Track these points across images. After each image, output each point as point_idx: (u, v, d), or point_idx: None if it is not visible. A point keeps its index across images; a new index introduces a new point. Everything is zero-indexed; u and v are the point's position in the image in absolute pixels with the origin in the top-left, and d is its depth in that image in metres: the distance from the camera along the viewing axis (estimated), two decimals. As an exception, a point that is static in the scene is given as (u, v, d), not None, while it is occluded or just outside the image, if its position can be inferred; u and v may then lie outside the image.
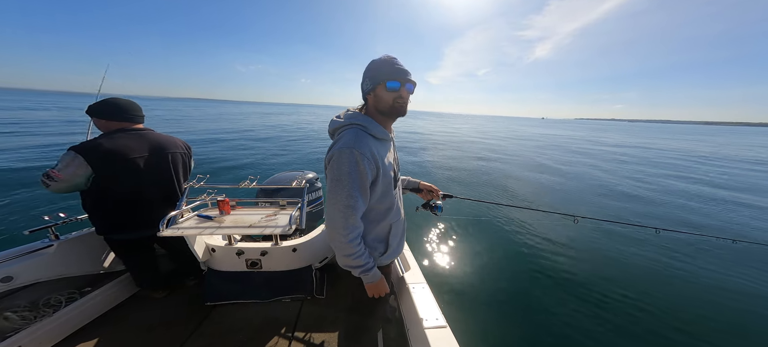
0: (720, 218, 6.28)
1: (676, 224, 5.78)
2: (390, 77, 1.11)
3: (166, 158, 1.96)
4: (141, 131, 1.89)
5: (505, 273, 3.77)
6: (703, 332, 2.84)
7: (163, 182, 1.97)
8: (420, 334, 1.36)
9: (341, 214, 1.07)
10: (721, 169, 13.44)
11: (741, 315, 3.13)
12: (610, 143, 26.27)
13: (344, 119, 1.19)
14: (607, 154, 17.46)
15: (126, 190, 1.78)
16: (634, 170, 11.85)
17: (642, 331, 2.84)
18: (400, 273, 1.85)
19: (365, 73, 1.18)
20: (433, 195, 1.79)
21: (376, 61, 1.15)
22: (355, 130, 1.14)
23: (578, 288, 3.47)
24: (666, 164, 14.33)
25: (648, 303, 3.23)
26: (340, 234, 1.10)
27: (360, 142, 1.08)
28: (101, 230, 1.86)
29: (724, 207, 7.10)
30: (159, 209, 1.87)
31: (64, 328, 1.80)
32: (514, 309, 3.11)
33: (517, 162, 12.55)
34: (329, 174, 1.10)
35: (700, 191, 8.59)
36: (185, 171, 2.14)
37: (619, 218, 5.65)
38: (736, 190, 8.95)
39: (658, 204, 7.00)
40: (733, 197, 8.00)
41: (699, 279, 3.75)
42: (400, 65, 1.13)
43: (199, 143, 13.78)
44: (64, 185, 1.65)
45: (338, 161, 1.07)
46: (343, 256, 1.16)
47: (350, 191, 1.06)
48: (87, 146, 1.67)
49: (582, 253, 4.30)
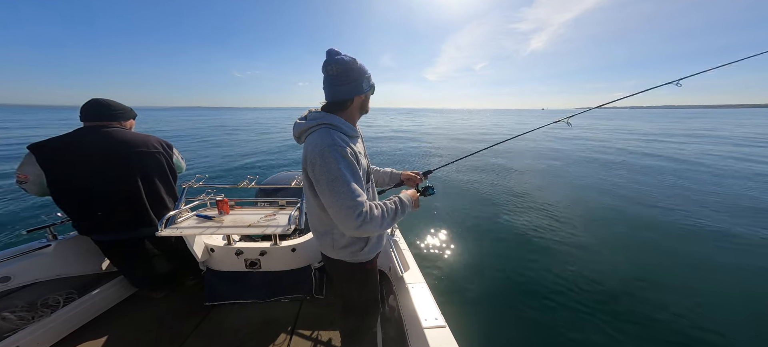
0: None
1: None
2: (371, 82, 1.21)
3: (129, 157, 1.80)
4: (108, 128, 1.78)
5: (505, 272, 3.77)
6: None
7: (122, 182, 1.81)
8: (419, 334, 1.36)
9: (350, 210, 1.02)
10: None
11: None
12: (653, 132, 25.61)
13: (309, 120, 1.16)
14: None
15: (78, 186, 1.71)
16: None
17: (643, 330, 2.84)
18: (399, 272, 1.85)
19: (357, 76, 1.15)
20: (416, 181, 1.70)
21: (361, 64, 1.16)
22: (326, 129, 1.12)
23: (579, 285, 3.47)
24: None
25: (651, 297, 3.24)
26: (363, 226, 1.04)
27: (336, 139, 1.09)
28: (79, 229, 1.84)
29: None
30: (122, 212, 1.81)
31: (62, 328, 1.80)
32: (514, 309, 3.11)
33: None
34: (321, 177, 1.06)
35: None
36: (164, 172, 1.98)
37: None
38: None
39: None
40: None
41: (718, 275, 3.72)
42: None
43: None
44: (34, 186, 1.64)
45: (325, 160, 1.04)
46: (380, 228, 1.13)
47: (349, 185, 1.04)
48: (40, 144, 1.64)
49: (585, 250, 4.30)
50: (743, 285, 3.55)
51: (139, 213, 1.86)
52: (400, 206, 1.21)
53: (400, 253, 2.03)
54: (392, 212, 1.17)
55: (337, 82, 1.14)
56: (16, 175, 1.62)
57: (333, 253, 1.30)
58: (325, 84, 1.17)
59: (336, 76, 1.13)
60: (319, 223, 1.27)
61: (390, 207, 1.17)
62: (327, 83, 1.16)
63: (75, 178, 1.70)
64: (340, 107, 1.19)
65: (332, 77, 1.13)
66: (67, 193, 1.72)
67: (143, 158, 1.86)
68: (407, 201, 1.26)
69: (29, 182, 1.63)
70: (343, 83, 1.14)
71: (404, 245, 2.14)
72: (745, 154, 13.07)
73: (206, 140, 15.84)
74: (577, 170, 10.18)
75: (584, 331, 2.81)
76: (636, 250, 4.41)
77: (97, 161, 1.73)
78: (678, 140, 19.25)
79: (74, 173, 1.69)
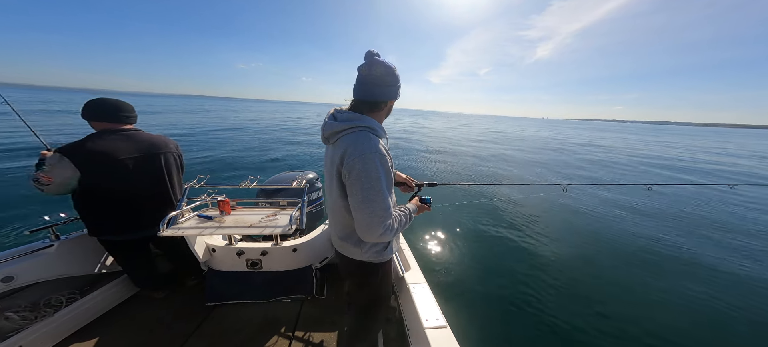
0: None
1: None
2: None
3: (158, 159, 1.91)
4: (129, 132, 1.84)
5: (506, 272, 3.77)
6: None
7: (155, 184, 1.92)
8: (420, 334, 1.36)
9: (379, 219, 1.07)
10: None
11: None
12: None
13: (343, 121, 1.16)
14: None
15: (115, 191, 1.75)
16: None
17: (644, 329, 2.84)
18: (401, 273, 1.85)
19: (395, 81, 1.18)
20: (409, 187, 1.71)
21: (396, 69, 1.18)
22: (365, 132, 1.13)
23: (579, 286, 3.47)
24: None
25: (652, 298, 3.24)
26: (382, 236, 1.10)
27: (376, 144, 1.11)
28: (93, 231, 1.84)
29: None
30: (151, 211, 1.85)
31: (64, 328, 1.80)
32: (515, 309, 3.11)
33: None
34: (357, 180, 1.07)
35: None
36: (178, 172, 2.09)
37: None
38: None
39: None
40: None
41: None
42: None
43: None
44: (55, 188, 1.62)
45: (365, 167, 1.06)
46: (391, 238, 1.18)
47: (384, 194, 1.08)
48: (72, 148, 1.64)
49: (584, 252, 4.31)
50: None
51: (166, 212, 1.89)
52: (408, 217, 1.28)
53: (401, 254, 2.03)
54: (403, 223, 1.24)
55: (378, 83, 1.16)
56: (38, 176, 1.57)
57: (358, 255, 1.29)
58: (361, 83, 1.17)
59: (378, 77, 1.15)
60: (346, 226, 1.26)
61: (402, 219, 1.22)
62: (366, 83, 1.16)
63: (112, 182, 1.72)
64: (374, 107, 1.20)
65: (375, 77, 1.15)
66: (100, 195, 1.73)
67: (168, 159, 1.98)
68: (413, 213, 1.33)
69: (53, 183, 1.60)
70: (383, 85, 1.16)
71: (406, 246, 2.15)
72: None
73: (210, 135, 15.82)
74: (581, 174, 10.18)
75: (585, 332, 2.81)
76: (633, 259, 4.40)
77: (132, 165, 1.79)
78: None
79: (111, 177, 1.72)
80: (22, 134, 11.71)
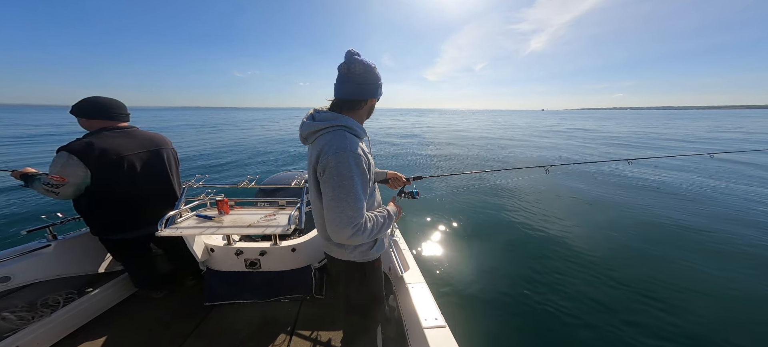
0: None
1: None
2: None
3: (160, 156, 1.92)
4: (128, 129, 1.81)
5: (505, 271, 3.77)
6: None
7: (160, 180, 1.93)
8: (419, 334, 1.37)
9: (349, 219, 1.05)
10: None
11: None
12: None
13: (321, 121, 1.15)
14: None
15: (121, 189, 1.73)
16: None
17: (645, 329, 2.84)
18: (399, 272, 1.85)
19: (375, 80, 1.18)
20: (401, 182, 1.73)
21: (376, 69, 1.18)
22: (342, 131, 1.12)
23: (579, 284, 3.47)
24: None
25: (652, 294, 3.24)
26: (353, 237, 1.07)
27: (352, 143, 1.10)
28: (97, 230, 1.83)
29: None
30: (155, 208, 1.85)
31: (62, 329, 1.79)
32: (514, 308, 3.11)
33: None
34: (329, 179, 1.06)
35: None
36: (177, 168, 2.10)
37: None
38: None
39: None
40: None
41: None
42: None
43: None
44: (72, 188, 1.56)
45: (338, 165, 1.04)
46: (366, 240, 1.15)
47: (357, 194, 1.06)
48: (79, 146, 1.58)
49: (583, 247, 4.31)
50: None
51: (170, 208, 1.89)
52: (387, 220, 1.25)
53: (400, 253, 2.04)
54: (379, 225, 1.19)
55: (356, 82, 1.15)
56: (50, 179, 1.52)
57: (343, 255, 1.29)
58: (341, 82, 1.16)
59: (357, 75, 1.14)
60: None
61: (378, 220, 1.19)
62: (346, 81, 1.16)
63: (121, 180, 1.71)
64: (352, 106, 1.19)
65: (354, 76, 1.14)
66: (107, 193, 1.69)
67: (169, 155, 2.00)
68: (393, 215, 1.30)
69: (68, 184, 1.54)
70: (363, 83, 1.16)
71: (404, 245, 2.15)
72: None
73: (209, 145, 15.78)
74: (582, 170, 10.20)
75: (585, 332, 2.82)
76: (639, 254, 4.40)
77: (139, 162, 1.79)
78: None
79: (121, 175, 1.70)
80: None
